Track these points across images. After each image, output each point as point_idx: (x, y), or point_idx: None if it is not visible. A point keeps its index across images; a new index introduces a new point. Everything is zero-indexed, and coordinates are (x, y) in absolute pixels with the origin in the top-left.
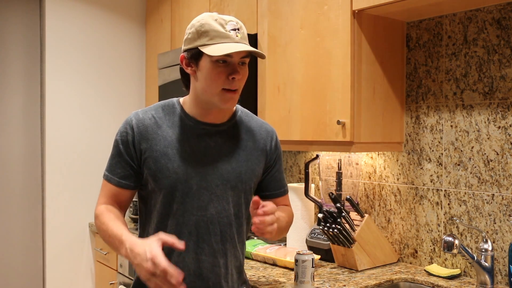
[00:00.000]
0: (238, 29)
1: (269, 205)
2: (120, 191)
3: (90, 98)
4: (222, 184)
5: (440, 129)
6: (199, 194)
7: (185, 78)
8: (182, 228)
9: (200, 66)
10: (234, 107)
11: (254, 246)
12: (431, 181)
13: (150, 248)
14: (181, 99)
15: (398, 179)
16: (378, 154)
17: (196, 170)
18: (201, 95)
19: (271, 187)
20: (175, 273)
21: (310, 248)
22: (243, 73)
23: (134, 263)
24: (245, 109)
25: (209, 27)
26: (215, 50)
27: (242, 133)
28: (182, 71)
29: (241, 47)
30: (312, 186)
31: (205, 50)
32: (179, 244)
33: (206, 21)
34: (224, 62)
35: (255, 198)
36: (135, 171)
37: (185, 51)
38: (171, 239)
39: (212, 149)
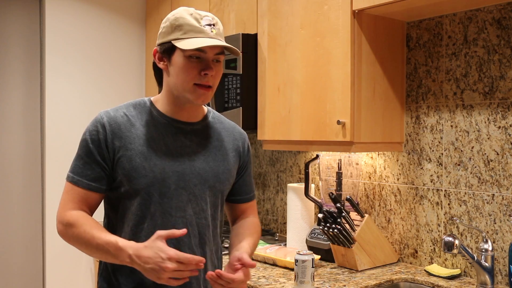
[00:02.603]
0: (214, 25)
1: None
2: (89, 194)
3: (90, 97)
4: (200, 184)
5: (440, 129)
6: (177, 194)
7: (158, 74)
8: (160, 230)
9: (172, 61)
10: (204, 108)
11: None
12: (431, 181)
13: (161, 249)
14: (152, 98)
15: (398, 179)
16: (378, 154)
17: (173, 169)
18: (173, 91)
19: (242, 191)
20: (197, 257)
21: (310, 248)
22: (217, 70)
23: (145, 268)
24: (216, 111)
25: (184, 21)
26: (187, 44)
27: (216, 133)
28: (154, 66)
29: (213, 42)
30: (312, 186)
31: (178, 44)
32: (180, 231)
33: (181, 15)
34: (198, 58)
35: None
36: (106, 172)
37: (158, 45)
38: (171, 232)
39: (188, 147)
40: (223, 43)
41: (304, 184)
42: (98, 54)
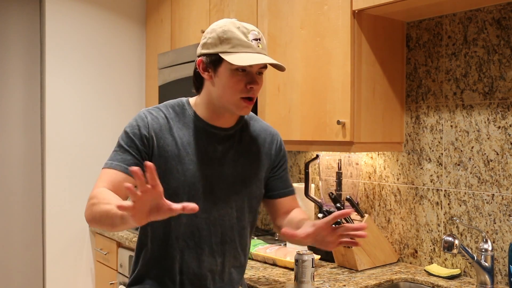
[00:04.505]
0: (259, 39)
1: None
2: (125, 177)
3: (90, 98)
4: (226, 188)
5: (440, 129)
6: (204, 197)
7: (198, 81)
8: (185, 229)
9: (218, 72)
10: None
11: (254, 246)
12: (431, 181)
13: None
14: (191, 100)
15: (398, 179)
16: (378, 154)
17: (203, 174)
18: (216, 101)
19: (278, 187)
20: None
21: (310, 248)
22: (260, 83)
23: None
24: (251, 112)
25: (232, 35)
26: (238, 59)
27: (248, 138)
28: (196, 74)
29: (264, 59)
30: (312, 186)
31: (227, 57)
32: (191, 206)
33: (229, 28)
34: (243, 71)
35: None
36: (141, 165)
37: (203, 55)
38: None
39: (219, 153)
40: (271, 60)
41: (304, 184)
42: (98, 55)
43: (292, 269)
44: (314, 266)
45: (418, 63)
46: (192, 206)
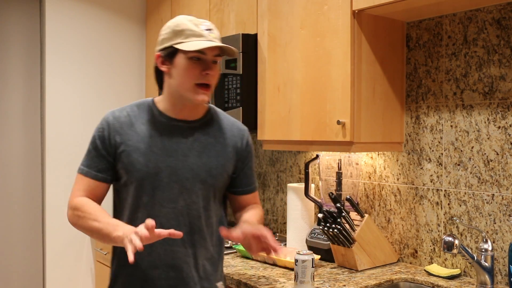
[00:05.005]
0: (211, 30)
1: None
2: (97, 184)
3: (90, 97)
4: (192, 178)
5: (440, 129)
6: (169, 187)
7: (159, 78)
8: (153, 219)
9: (175, 63)
10: (207, 105)
11: None
12: (431, 181)
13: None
14: (156, 98)
15: (398, 179)
16: (378, 154)
17: (166, 164)
18: (175, 92)
19: (242, 184)
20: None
21: (310, 248)
22: (216, 70)
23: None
24: (218, 109)
25: (184, 27)
26: (190, 46)
27: (214, 130)
28: (156, 70)
29: (214, 43)
30: (312, 186)
31: (181, 46)
32: (173, 233)
33: (181, 21)
34: (198, 59)
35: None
36: (110, 165)
37: (160, 50)
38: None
39: (183, 144)
40: (222, 44)
41: (304, 184)
42: (98, 54)
43: (292, 269)
44: (314, 266)
45: (418, 63)
46: (170, 232)
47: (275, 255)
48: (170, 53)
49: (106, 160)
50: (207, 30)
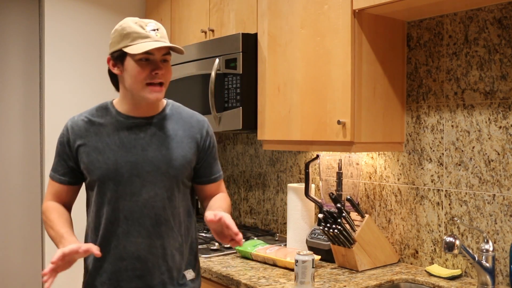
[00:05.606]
0: (158, 29)
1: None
2: (62, 187)
3: (90, 98)
4: (152, 171)
5: (441, 129)
6: (131, 182)
7: (114, 80)
8: (118, 213)
9: (125, 66)
10: (164, 101)
11: (254, 247)
12: (432, 181)
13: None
14: (114, 100)
15: (398, 179)
16: (379, 154)
17: (126, 160)
18: (129, 92)
19: (206, 174)
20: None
21: (311, 248)
22: (166, 69)
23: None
24: (176, 103)
25: (130, 29)
26: (136, 48)
27: (172, 124)
28: (110, 72)
29: (158, 44)
30: (312, 186)
31: (128, 49)
32: (95, 250)
33: (127, 24)
34: (147, 60)
35: (209, 218)
36: (73, 168)
37: (110, 54)
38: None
39: (142, 139)
40: (167, 43)
41: (304, 184)
42: (98, 55)
43: (292, 270)
44: (314, 266)
45: (419, 62)
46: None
47: (237, 246)
48: (119, 56)
49: (68, 164)
50: (153, 30)
